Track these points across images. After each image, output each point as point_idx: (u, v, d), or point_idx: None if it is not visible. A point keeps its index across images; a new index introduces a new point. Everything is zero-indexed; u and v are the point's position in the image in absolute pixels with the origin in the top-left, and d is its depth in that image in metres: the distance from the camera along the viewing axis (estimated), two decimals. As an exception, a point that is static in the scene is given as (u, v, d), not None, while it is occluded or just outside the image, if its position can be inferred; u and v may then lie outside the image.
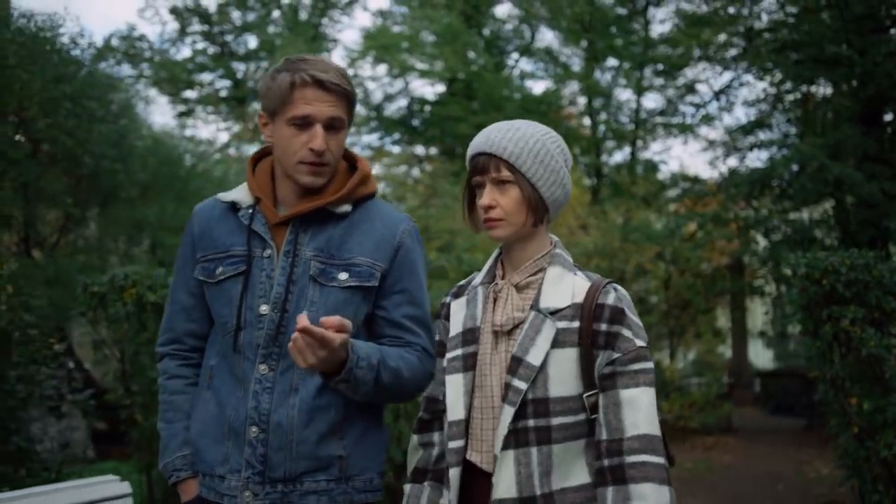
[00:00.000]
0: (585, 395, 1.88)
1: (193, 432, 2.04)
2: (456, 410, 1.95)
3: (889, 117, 11.21)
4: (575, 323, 1.90)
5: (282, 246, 2.01)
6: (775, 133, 12.96)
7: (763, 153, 12.85)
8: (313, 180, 1.99)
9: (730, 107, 19.98)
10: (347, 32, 53.41)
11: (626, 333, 1.89)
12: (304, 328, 1.70)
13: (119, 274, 4.24)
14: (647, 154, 21.02)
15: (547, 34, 30.59)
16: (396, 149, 21.81)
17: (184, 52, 26.84)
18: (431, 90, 21.98)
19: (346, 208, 2.05)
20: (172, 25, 26.88)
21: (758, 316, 20.07)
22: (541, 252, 2.01)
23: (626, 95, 21.38)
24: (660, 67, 18.18)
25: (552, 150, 1.96)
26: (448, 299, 2.14)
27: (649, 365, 1.90)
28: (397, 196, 14.54)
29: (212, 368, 2.06)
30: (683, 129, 17.21)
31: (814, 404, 12.06)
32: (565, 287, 1.94)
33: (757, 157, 12.74)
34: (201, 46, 22.29)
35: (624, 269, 12.45)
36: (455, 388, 1.96)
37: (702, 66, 15.33)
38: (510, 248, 2.03)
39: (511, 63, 23.13)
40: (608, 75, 21.33)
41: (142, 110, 12.99)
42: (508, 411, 1.86)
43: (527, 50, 22.80)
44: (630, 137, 20.35)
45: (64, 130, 7.58)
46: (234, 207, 2.08)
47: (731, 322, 18.97)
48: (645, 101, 25.17)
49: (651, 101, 27.86)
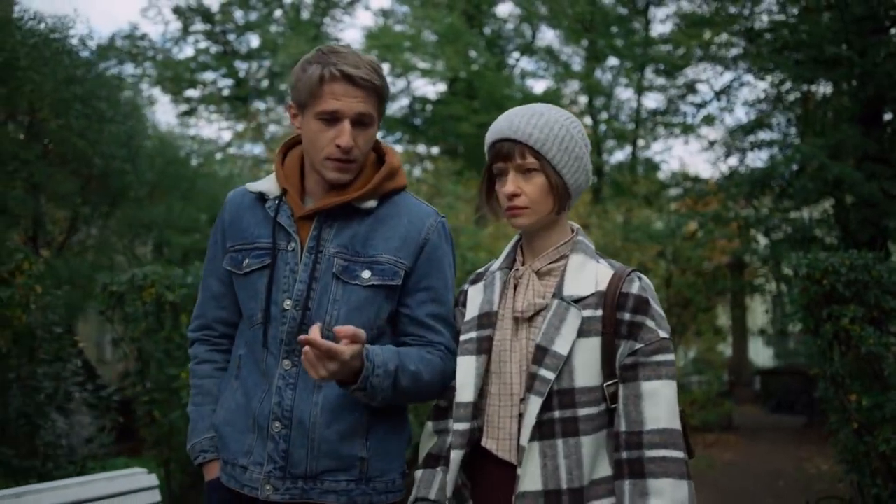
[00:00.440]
0: (606, 385, 1.84)
1: (219, 419, 2.04)
2: (465, 392, 1.91)
3: (889, 117, 11.30)
4: (598, 311, 1.86)
5: (306, 241, 1.98)
6: (776, 133, 13.05)
7: (763, 153, 12.92)
8: (339, 177, 1.96)
9: (731, 107, 20.14)
10: (349, 32, 53.49)
11: (650, 324, 1.86)
12: (308, 341, 1.69)
13: (138, 274, 4.33)
14: (648, 153, 21.13)
15: (548, 33, 30.68)
16: (400, 148, 21.88)
17: (186, 52, 26.95)
18: (433, 89, 22.05)
19: (372, 204, 2.01)
20: (175, 25, 27.05)
21: (758, 314, 20.19)
22: (563, 239, 1.98)
23: (627, 95, 21.48)
24: (661, 67, 18.26)
25: (575, 136, 1.92)
26: (466, 286, 2.11)
27: (671, 357, 1.86)
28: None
29: (240, 358, 2.05)
30: (685, 130, 17.29)
31: (814, 402, 12.15)
32: (588, 275, 1.90)
33: (758, 157, 12.79)
34: (204, 46, 22.35)
35: (626, 268, 12.53)
36: (466, 370, 1.92)
37: (703, 66, 15.41)
38: (532, 235, 1.99)
39: (512, 62, 23.22)
40: (609, 75, 21.44)
41: (147, 110, 13.04)
42: (536, 401, 1.81)
43: (528, 49, 22.88)
44: (631, 137, 20.44)
45: (75, 131, 7.67)
46: (262, 198, 2.06)
47: (732, 320, 19.06)
48: (646, 101, 25.22)
49: (652, 101, 27.98)
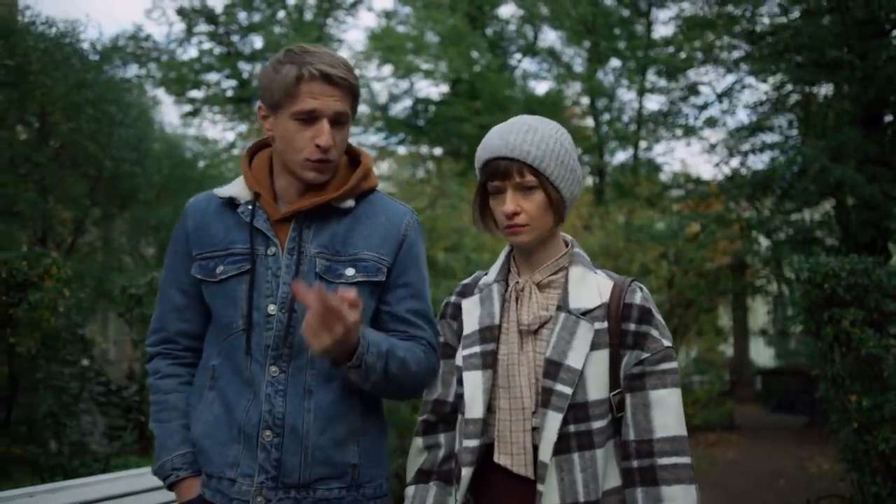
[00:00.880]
0: (612, 395, 1.86)
1: (197, 433, 1.97)
2: (475, 408, 1.89)
3: (889, 120, 11.37)
4: (605, 323, 1.87)
5: (285, 243, 1.94)
6: (777, 135, 13.14)
7: (765, 155, 13.00)
8: (317, 177, 1.93)
9: (732, 109, 20.23)
10: (352, 32, 53.67)
11: (655, 333, 1.88)
12: (322, 293, 1.67)
13: (158, 277, 4.43)
14: (650, 155, 21.24)
15: (550, 34, 30.78)
16: (402, 149, 21.99)
17: (190, 53, 27.03)
18: (436, 90, 22.14)
19: (350, 203, 1.99)
20: (179, 26, 27.15)
21: (759, 314, 20.27)
22: (559, 251, 1.98)
23: (629, 96, 21.59)
24: (662, 69, 18.38)
25: (568, 149, 1.92)
26: (454, 299, 2.09)
27: (675, 365, 1.89)
28: (406, 197, 14.70)
29: (214, 368, 1.98)
30: (687, 132, 17.40)
31: (814, 402, 12.24)
32: (591, 287, 1.91)
33: (759, 160, 12.87)
34: (207, 47, 22.45)
35: (629, 270, 12.64)
36: (474, 385, 1.90)
37: (704, 69, 15.50)
38: (528, 249, 1.97)
39: (514, 63, 23.32)
40: (611, 76, 21.54)
41: (153, 112, 13.15)
42: (555, 417, 1.81)
43: (530, 49, 22.99)
44: (633, 139, 20.55)
45: (86, 135, 7.79)
46: (232, 203, 2.00)
47: (733, 321, 19.14)
48: (648, 103, 25.34)
49: (654, 103, 28.06)
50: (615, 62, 21.41)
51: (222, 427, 1.92)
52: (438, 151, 21.78)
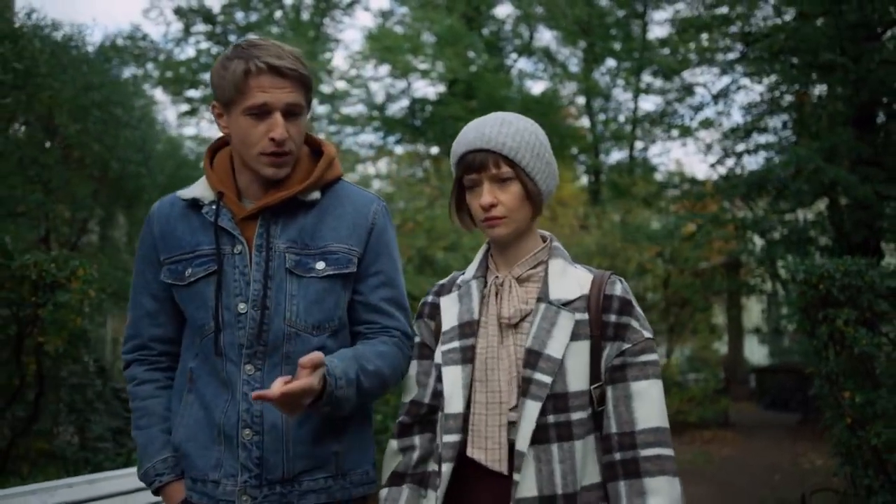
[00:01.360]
0: (593, 388, 1.85)
1: (179, 437, 1.95)
2: (454, 403, 1.87)
3: (881, 121, 11.51)
4: (585, 315, 1.86)
5: (253, 240, 1.91)
6: (771, 135, 13.28)
7: (760, 157, 13.14)
8: (276, 171, 1.90)
9: (727, 111, 20.44)
10: (349, 32, 53.75)
11: (635, 324, 1.88)
12: (284, 393, 1.65)
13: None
14: (646, 155, 21.40)
15: (545, 34, 30.94)
16: (399, 148, 22.12)
17: (188, 52, 27.11)
18: (433, 90, 22.25)
19: (316, 195, 1.97)
20: (176, 26, 27.21)
21: (754, 313, 20.45)
22: (537, 245, 1.97)
23: (625, 96, 21.75)
24: (658, 69, 18.51)
25: (544, 142, 1.93)
26: (431, 298, 2.07)
27: (656, 357, 1.88)
28: (405, 196, 14.81)
29: (192, 371, 1.96)
30: (683, 132, 17.57)
31: (808, 399, 12.37)
32: (571, 279, 1.91)
33: (754, 161, 12.98)
34: (205, 46, 22.55)
35: (625, 269, 12.79)
36: (453, 381, 1.88)
37: (700, 70, 15.64)
38: (506, 244, 1.96)
39: (510, 63, 23.46)
40: (607, 77, 21.70)
41: (156, 113, 13.28)
42: (534, 406, 1.79)
43: (526, 49, 23.12)
44: (629, 139, 20.71)
45: (93, 136, 7.91)
46: (196, 204, 1.97)
47: (728, 319, 19.30)
48: (644, 104, 25.48)
49: (650, 104, 28.26)
50: (611, 62, 21.58)
51: (202, 429, 1.91)
52: (435, 150, 21.91)
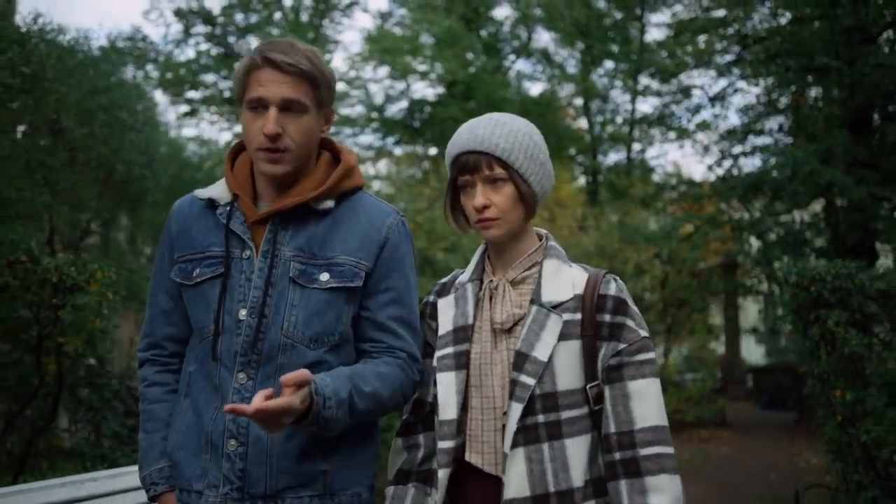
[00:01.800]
0: (588, 387, 1.85)
1: (172, 444, 1.91)
2: (448, 410, 1.87)
3: (877, 123, 11.61)
4: (577, 315, 1.86)
5: (261, 246, 1.87)
6: (768, 137, 13.41)
7: (756, 158, 13.26)
8: (272, 168, 1.85)
9: (724, 114, 20.60)
10: (348, 33, 53.87)
11: (630, 324, 1.86)
12: (259, 410, 1.58)
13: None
14: (644, 157, 21.53)
15: (543, 35, 31.07)
16: (398, 149, 22.23)
17: (187, 54, 27.21)
18: (431, 91, 22.36)
19: (329, 204, 1.91)
20: (176, 27, 27.31)
21: (751, 313, 20.56)
22: (532, 246, 1.96)
23: (623, 98, 21.89)
24: (655, 71, 18.62)
25: (538, 143, 1.92)
26: (432, 298, 2.07)
27: (653, 355, 1.88)
28: (405, 197, 14.94)
29: (190, 375, 1.93)
30: (680, 134, 17.69)
31: (804, 398, 12.48)
32: (564, 279, 1.90)
33: (751, 163, 13.08)
34: (205, 48, 22.65)
35: (623, 269, 12.91)
36: (447, 387, 1.88)
37: (696, 72, 15.77)
38: (501, 246, 1.96)
39: (508, 64, 23.57)
40: (605, 79, 21.82)
41: (159, 116, 13.39)
42: (517, 408, 1.79)
43: (524, 50, 23.24)
44: (627, 141, 20.83)
45: (99, 139, 8.01)
46: (213, 205, 1.95)
47: (725, 319, 19.40)
48: (641, 106, 25.62)
49: (647, 106, 28.36)
50: (609, 64, 21.71)
51: (193, 436, 1.87)
52: (433, 152, 22.02)
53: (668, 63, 16.36)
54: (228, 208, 1.90)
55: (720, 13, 13.37)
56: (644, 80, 20.22)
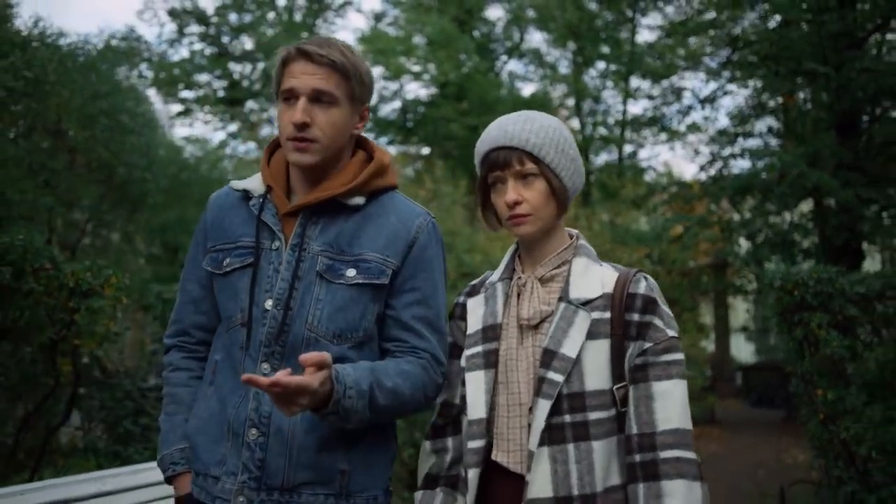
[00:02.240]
0: (616, 388, 1.81)
1: (191, 428, 1.93)
2: (477, 409, 1.86)
3: (864, 126, 11.79)
4: (606, 313, 1.82)
5: (290, 238, 1.89)
6: (757, 139, 13.58)
7: (746, 161, 13.43)
8: (299, 157, 1.86)
9: (714, 117, 20.79)
10: (341, 34, 53.80)
11: (658, 323, 1.82)
12: (274, 382, 1.57)
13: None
14: (635, 158, 21.67)
15: (535, 36, 31.20)
16: (393, 150, 22.33)
17: (181, 53, 27.25)
18: (424, 92, 22.49)
19: (359, 200, 1.92)
20: (170, 27, 27.37)
21: (740, 312, 20.76)
22: (562, 244, 1.95)
23: (615, 99, 22.04)
24: (646, 73, 18.76)
25: (568, 139, 1.90)
26: (462, 299, 2.05)
27: (681, 356, 1.84)
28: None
29: (216, 363, 1.94)
30: (671, 136, 17.85)
31: (791, 396, 12.66)
32: (594, 277, 1.87)
33: (739, 165, 13.25)
34: (199, 47, 22.72)
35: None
36: (476, 386, 1.87)
37: (687, 75, 15.93)
38: (531, 243, 1.94)
39: (500, 64, 23.71)
40: (596, 80, 21.97)
41: (154, 115, 13.49)
42: (544, 405, 1.76)
43: (516, 50, 23.37)
44: (619, 142, 20.97)
45: (100, 143, 8.14)
46: (247, 196, 1.98)
47: (715, 318, 19.58)
48: (632, 107, 25.79)
49: (638, 107, 28.55)
50: (601, 65, 21.86)
51: (214, 424, 1.88)
52: (426, 151, 22.15)
53: (659, 65, 16.51)
54: (261, 200, 1.93)
55: (710, 15, 13.51)
56: (635, 82, 20.41)
